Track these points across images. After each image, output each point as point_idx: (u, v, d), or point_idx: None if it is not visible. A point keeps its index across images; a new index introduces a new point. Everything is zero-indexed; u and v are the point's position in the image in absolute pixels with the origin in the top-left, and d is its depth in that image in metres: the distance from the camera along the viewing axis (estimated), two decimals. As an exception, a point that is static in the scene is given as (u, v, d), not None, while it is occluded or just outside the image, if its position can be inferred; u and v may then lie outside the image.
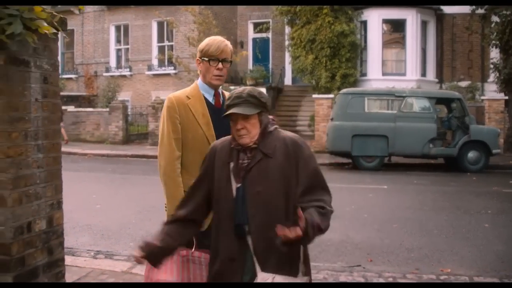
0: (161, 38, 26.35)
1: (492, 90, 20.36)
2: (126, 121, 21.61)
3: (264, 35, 26.64)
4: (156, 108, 19.92)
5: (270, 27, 25.53)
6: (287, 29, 23.58)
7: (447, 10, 23.06)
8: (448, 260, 6.01)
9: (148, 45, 26.32)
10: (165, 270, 2.79)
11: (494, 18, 18.80)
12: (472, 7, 19.42)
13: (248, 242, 2.58)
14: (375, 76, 22.10)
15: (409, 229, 7.52)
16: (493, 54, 20.62)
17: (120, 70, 27.08)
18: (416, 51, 22.41)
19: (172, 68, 25.12)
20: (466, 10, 20.64)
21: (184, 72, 21.08)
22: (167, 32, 25.91)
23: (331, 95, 19.10)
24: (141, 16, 26.17)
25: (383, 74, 22.25)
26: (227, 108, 2.60)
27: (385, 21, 22.74)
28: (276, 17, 23.68)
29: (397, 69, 22.72)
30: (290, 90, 25.43)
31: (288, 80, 26.21)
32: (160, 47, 26.17)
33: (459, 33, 22.96)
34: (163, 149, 3.21)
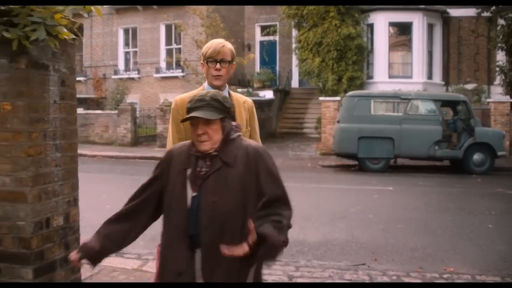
0: (169, 41, 26.44)
1: (498, 93, 20.36)
2: (135, 123, 21.72)
3: (271, 38, 26.69)
4: (165, 111, 20.02)
5: (277, 30, 25.57)
6: (294, 32, 23.62)
7: (453, 13, 23.02)
8: (452, 259, 6.11)
9: (156, 48, 26.44)
10: None
11: (500, 21, 18.86)
12: (478, 10, 19.45)
13: (197, 256, 2.41)
14: (382, 79, 22.08)
15: (414, 229, 7.61)
16: (499, 57, 20.61)
17: (129, 73, 27.19)
18: (423, 54, 22.41)
19: (180, 71, 25.23)
20: (472, 13, 20.65)
21: (192, 75, 21.20)
22: (175, 35, 25.99)
23: (338, 98, 19.10)
24: (149, 19, 26.31)
25: (390, 77, 22.22)
26: (188, 111, 2.44)
27: (392, 24, 22.76)
28: (283, 20, 23.78)
29: (404, 72, 22.72)
30: (297, 93, 25.50)
31: (295, 83, 26.26)
32: (168, 50, 26.30)
33: (466, 36, 22.92)
34: (168, 148, 3.40)
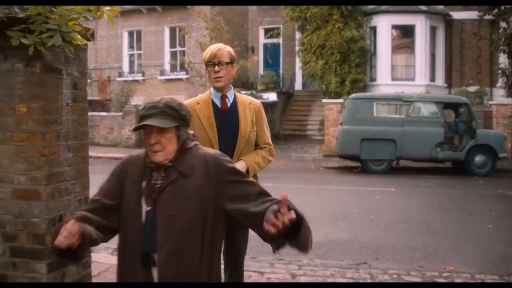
0: (173, 44, 26.59)
1: (501, 95, 20.40)
2: (139, 125, 21.82)
3: (275, 41, 26.84)
4: (169, 113, 20.12)
5: (281, 33, 25.70)
6: (298, 35, 23.76)
7: (456, 16, 23.13)
8: (451, 259, 6.22)
9: (161, 51, 26.58)
10: None
11: (502, 24, 18.94)
12: (480, 13, 19.54)
13: (154, 274, 2.27)
14: (385, 81, 22.16)
15: (415, 230, 7.73)
16: (502, 60, 20.66)
17: (133, 75, 27.34)
18: (425, 57, 22.50)
19: (184, 73, 25.36)
20: (475, 16, 20.69)
21: (196, 77, 21.34)
22: (179, 38, 26.16)
23: (341, 100, 19.23)
24: (154, 22, 26.47)
25: (393, 79, 22.31)
26: (140, 119, 2.27)
27: (394, 27, 22.86)
28: (287, 23, 23.86)
29: (406, 74, 22.80)
30: (300, 95, 25.61)
31: (299, 85, 26.38)
32: (172, 53, 26.43)
33: (468, 39, 22.98)
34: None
